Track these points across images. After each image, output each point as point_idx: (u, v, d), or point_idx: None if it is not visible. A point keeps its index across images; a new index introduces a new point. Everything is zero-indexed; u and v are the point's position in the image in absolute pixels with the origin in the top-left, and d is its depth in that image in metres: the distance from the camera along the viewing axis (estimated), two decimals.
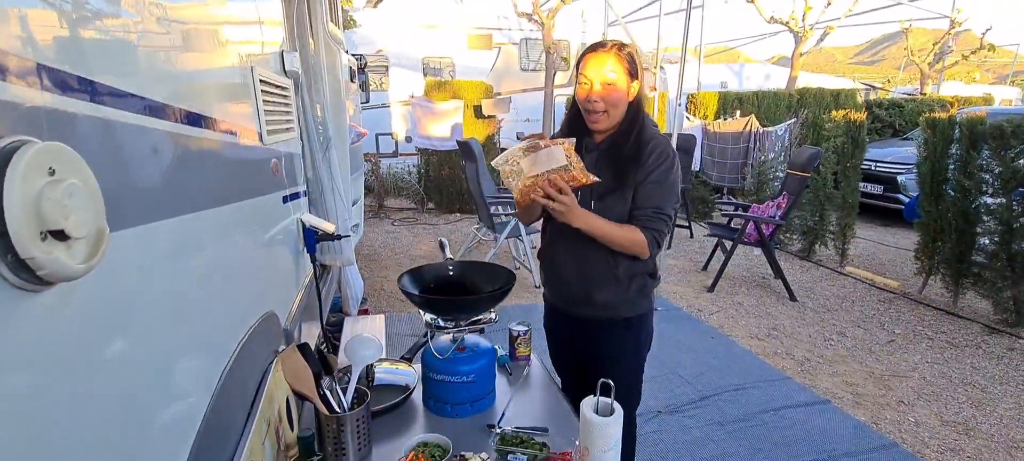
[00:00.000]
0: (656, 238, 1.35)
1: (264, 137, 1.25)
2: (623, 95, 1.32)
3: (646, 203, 1.35)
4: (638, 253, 1.36)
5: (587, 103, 1.33)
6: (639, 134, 1.36)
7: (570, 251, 1.48)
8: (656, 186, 1.34)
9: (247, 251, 1.15)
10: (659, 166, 1.34)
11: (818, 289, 4.39)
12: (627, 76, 1.32)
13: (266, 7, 1.53)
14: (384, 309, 3.86)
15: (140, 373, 0.65)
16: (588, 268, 1.45)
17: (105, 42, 0.62)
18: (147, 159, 0.69)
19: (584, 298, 1.49)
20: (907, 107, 9.19)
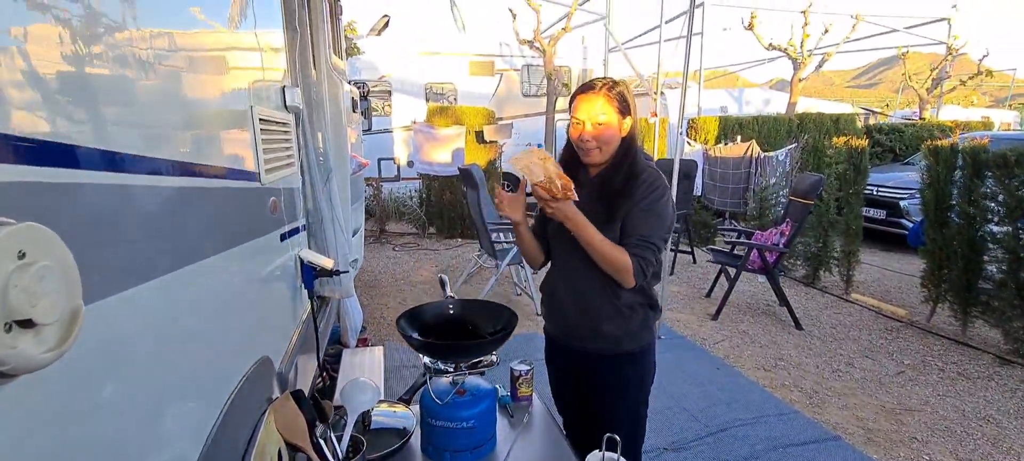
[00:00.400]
0: (641, 265, 1.35)
1: (262, 176, 1.23)
2: (615, 132, 1.37)
3: (633, 231, 1.36)
4: (622, 278, 1.36)
5: (579, 142, 1.39)
6: (630, 167, 1.38)
7: (569, 283, 1.48)
8: (643, 214, 1.36)
9: (241, 297, 1.12)
10: (647, 195, 1.36)
11: (824, 317, 4.32)
12: (618, 115, 1.36)
13: (268, 42, 1.53)
14: (384, 338, 3.80)
15: (125, 434, 0.62)
16: (588, 299, 1.45)
17: (87, 99, 0.60)
18: (135, 220, 0.67)
19: (585, 331, 1.48)
20: (907, 132, 9.22)
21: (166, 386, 0.74)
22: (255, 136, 1.20)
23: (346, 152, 2.51)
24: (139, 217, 0.69)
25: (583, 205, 1.36)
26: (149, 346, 0.70)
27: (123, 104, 0.69)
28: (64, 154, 0.54)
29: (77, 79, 0.59)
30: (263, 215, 1.26)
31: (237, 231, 1.07)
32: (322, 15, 2.38)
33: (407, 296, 4.79)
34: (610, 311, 1.43)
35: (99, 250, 0.58)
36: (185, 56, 0.89)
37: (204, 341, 0.89)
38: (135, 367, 0.66)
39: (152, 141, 0.74)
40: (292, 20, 1.87)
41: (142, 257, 0.68)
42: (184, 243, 0.83)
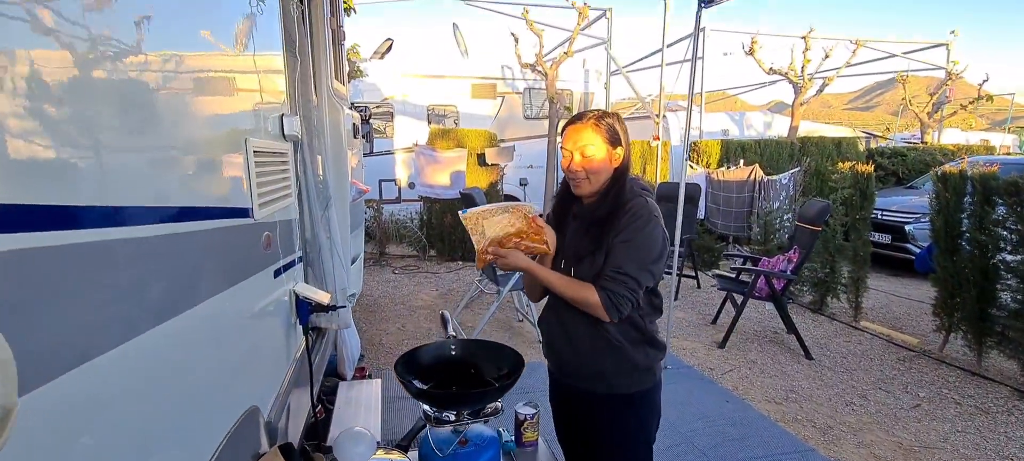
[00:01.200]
0: (611, 298, 1.30)
1: (255, 212, 1.17)
2: (604, 163, 1.36)
3: (609, 263, 1.33)
4: (595, 314, 1.33)
5: (568, 173, 1.39)
6: (615, 198, 1.36)
7: (559, 317, 1.44)
8: (621, 245, 1.32)
9: (228, 346, 1.05)
10: (629, 225, 1.32)
11: (833, 345, 4.22)
12: (607, 145, 1.35)
13: (266, 69, 1.48)
14: (382, 366, 3.70)
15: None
16: (577, 335, 1.40)
17: (54, 149, 0.53)
18: (109, 280, 0.60)
19: (578, 368, 1.43)
20: (910, 156, 9.20)
21: (141, 453, 0.67)
22: (249, 169, 1.14)
23: (346, 179, 2.46)
24: (108, 276, 0.62)
25: (572, 236, 1.39)
26: (120, 416, 0.62)
27: (85, 145, 0.62)
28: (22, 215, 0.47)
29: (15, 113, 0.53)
30: (255, 252, 1.19)
31: (225, 274, 1.00)
32: (325, 41, 2.35)
33: (406, 321, 4.70)
34: (601, 346, 1.37)
35: (55, 320, 0.51)
36: (164, 85, 0.83)
37: (184, 400, 0.82)
38: (102, 436, 0.59)
39: (123, 185, 0.68)
40: (293, 47, 1.83)
41: (114, 321, 0.61)
42: (164, 296, 0.76)
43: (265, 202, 1.26)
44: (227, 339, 1.06)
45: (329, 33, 2.33)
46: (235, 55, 1.19)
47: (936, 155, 9.32)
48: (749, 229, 6.81)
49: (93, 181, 0.62)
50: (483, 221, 1.35)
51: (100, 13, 0.66)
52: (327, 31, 2.31)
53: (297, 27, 1.97)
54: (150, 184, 0.77)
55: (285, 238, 1.50)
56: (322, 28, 2.27)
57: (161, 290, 0.78)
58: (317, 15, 2.25)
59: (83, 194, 0.59)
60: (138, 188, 0.73)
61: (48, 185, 0.54)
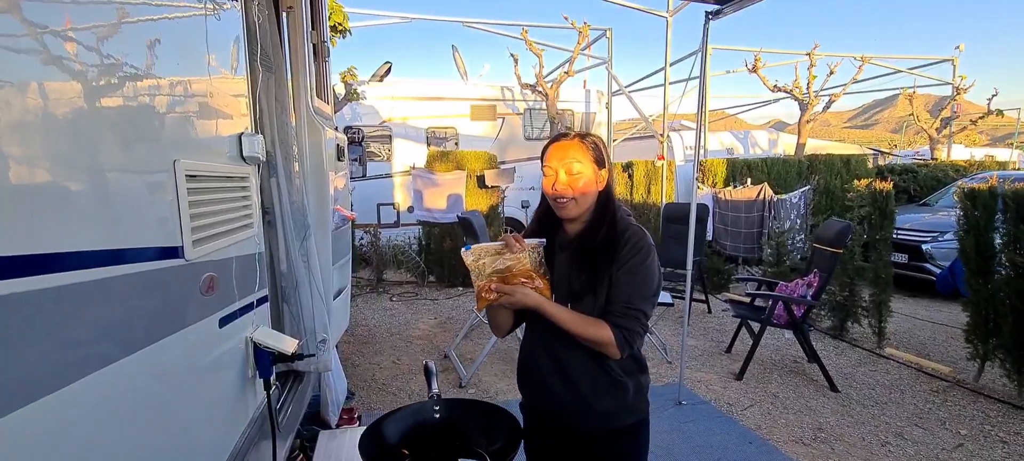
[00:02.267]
0: (625, 336, 1.23)
1: (188, 250, 0.94)
2: (590, 183, 1.27)
3: (617, 298, 1.24)
4: (606, 351, 1.24)
5: (554, 193, 1.28)
6: (610, 226, 1.28)
7: (552, 353, 1.33)
8: (628, 278, 1.24)
9: (149, 413, 0.81)
10: (632, 257, 1.25)
11: (859, 376, 3.93)
12: (593, 164, 1.28)
13: (219, 83, 1.27)
14: (374, 406, 3.44)
15: None
16: (576, 372, 1.30)
17: None
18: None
19: (576, 407, 1.31)
20: (921, 172, 8.98)
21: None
22: (177, 198, 0.92)
23: (328, 205, 2.24)
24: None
25: (562, 269, 1.29)
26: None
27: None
28: None
29: None
30: (190, 299, 0.97)
31: (139, 332, 0.77)
32: (304, 55, 2.15)
33: (402, 354, 4.43)
34: (605, 384, 1.29)
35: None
36: (44, 84, 0.62)
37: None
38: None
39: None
40: (260, 58, 1.63)
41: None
42: (47, 363, 0.54)
43: (205, 237, 1.03)
44: (147, 407, 0.83)
45: (309, 47, 2.14)
46: (170, 61, 0.99)
47: (948, 171, 9.10)
48: (760, 250, 6.57)
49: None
50: (485, 258, 1.25)
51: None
52: (307, 45, 2.12)
53: (268, 39, 1.77)
54: (21, 223, 0.55)
55: (242, 277, 1.27)
56: (301, 41, 2.08)
57: (42, 356, 0.56)
58: (295, 27, 2.06)
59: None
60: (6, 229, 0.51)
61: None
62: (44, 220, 0.61)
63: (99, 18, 0.77)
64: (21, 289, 0.56)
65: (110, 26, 0.80)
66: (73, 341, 0.65)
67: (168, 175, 0.90)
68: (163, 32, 0.98)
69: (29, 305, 0.57)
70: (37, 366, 0.59)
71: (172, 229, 0.90)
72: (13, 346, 0.55)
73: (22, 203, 0.59)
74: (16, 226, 0.56)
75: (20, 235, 0.57)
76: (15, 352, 0.55)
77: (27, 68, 0.62)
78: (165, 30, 0.99)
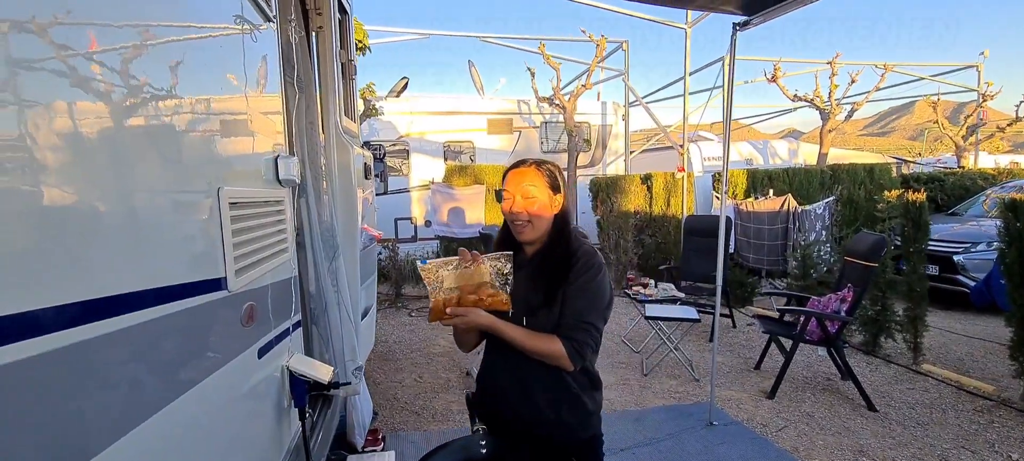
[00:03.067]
0: (576, 347, 1.30)
1: (230, 281, 0.91)
2: (545, 207, 1.37)
3: (568, 312, 1.32)
4: (560, 364, 1.32)
5: (511, 215, 1.38)
6: (565, 247, 1.37)
7: (513, 371, 1.38)
8: (578, 293, 1.32)
9: (191, 455, 0.77)
10: (583, 274, 1.33)
11: (896, 394, 3.78)
12: (548, 189, 1.38)
13: (257, 104, 1.24)
14: (397, 426, 3.38)
15: None
16: (533, 388, 1.36)
17: None
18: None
19: (534, 421, 1.37)
20: (948, 181, 8.74)
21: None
22: (222, 229, 0.88)
23: (356, 224, 2.22)
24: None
25: (520, 287, 1.34)
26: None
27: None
28: None
29: None
30: (230, 333, 0.93)
31: (179, 375, 0.74)
32: (333, 74, 2.14)
33: (424, 371, 4.38)
34: (562, 397, 1.36)
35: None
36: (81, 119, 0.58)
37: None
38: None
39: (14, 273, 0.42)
40: (293, 78, 1.61)
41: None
42: (79, 426, 0.49)
43: (247, 265, 1.00)
44: (184, 455, 0.79)
45: (338, 66, 2.13)
46: (210, 84, 0.96)
47: (976, 180, 8.85)
48: (784, 263, 6.42)
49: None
50: (441, 272, 1.29)
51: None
52: (336, 64, 2.11)
53: (300, 59, 1.76)
54: (51, 268, 0.51)
55: (278, 303, 1.24)
56: (330, 60, 2.07)
57: (76, 416, 0.52)
58: (325, 46, 2.05)
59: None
60: (34, 276, 0.47)
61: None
62: (86, 264, 0.57)
63: (138, 40, 0.75)
64: (75, 340, 0.52)
65: (149, 48, 0.78)
66: (114, 396, 0.61)
67: (212, 204, 0.86)
68: (201, 53, 0.95)
69: (77, 358, 0.53)
70: (75, 431, 0.55)
71: (215, 261, 0.86)
72: (54, 408, 0.51)
73: (69, 245, 0.55)
74: (71, 271, 0.52)
75: (71, 281, 0.53)
76: (55, 414, 0.51)
77: (65, 91, 0.58)
78: (203, 51, 0.97)
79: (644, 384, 4.08)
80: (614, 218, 7.36)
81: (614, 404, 3.72)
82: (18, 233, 0.48)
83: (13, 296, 0.46)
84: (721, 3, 2.96)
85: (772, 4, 2.77)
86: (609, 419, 3.54)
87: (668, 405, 3.69)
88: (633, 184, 7.54)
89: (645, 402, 3.76)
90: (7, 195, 0.48)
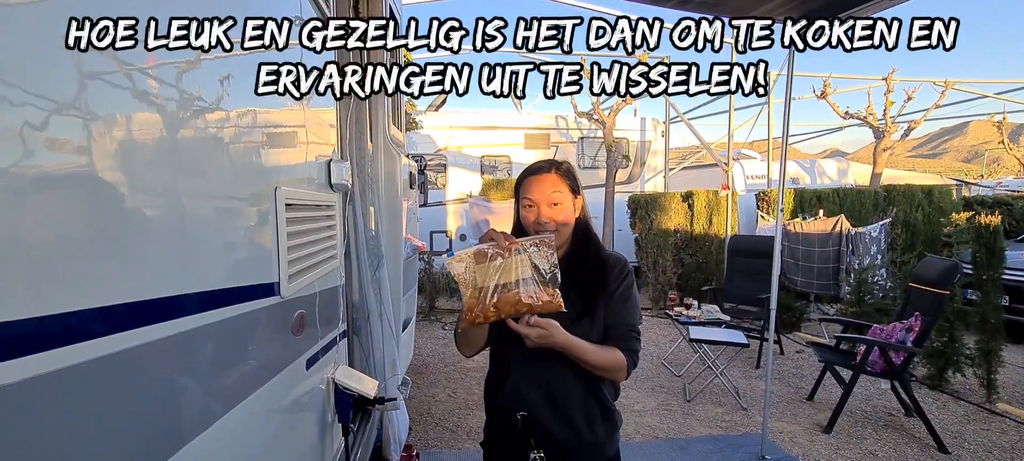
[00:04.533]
0: (633, 358, 1.28)
1: (284, 286, 0.85)
2: (570, 212, 1.30)
3: (618, 323, 1.28)
4: (618, 376, 1.29)
5: (537, 226, 1.29)
6: (596, 254, 1.33)
7: (544, 388, 1.27)
8: (623, 303, 1.30)
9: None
10: (622, 283, 1.31)
11: (969, 434, 3.46)
12: (570, 193, 1.30)
13: (313, 108, 1.21)
14: (431, 442, 3.31)
15: None
16: (566, 403, 1.27)
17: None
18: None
19: (572, 441, 1.27)
20: (1017, 205, 8.16)
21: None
22: (277, 231, 0.83)
23: (400, 234, 2.18)
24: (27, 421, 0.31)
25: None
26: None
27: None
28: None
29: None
30: (281, 342, 0.88)
31: (231, 389, 0.68)
32: None
33: (458, 386, 4.31)
34: (597, 412, 1.30)
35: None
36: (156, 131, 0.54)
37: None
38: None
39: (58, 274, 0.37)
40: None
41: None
42: (123, 445, 0.44)
43: (300, 270, 0.95)
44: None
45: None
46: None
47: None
48: (836, 287, 6.08)
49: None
50: (475, 267, 1.10)
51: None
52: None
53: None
54: (89, 270, 0.46)
55: (326, 312, 1.19)
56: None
57: (117, 435, 0.47)
58: (376, 51, 2.04)
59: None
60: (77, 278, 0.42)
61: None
62: (131, 263, 0.52)
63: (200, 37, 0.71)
64: (100, 353, 0.47)
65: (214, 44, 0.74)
66: (167, 406, 0.56)
67: (269, 203, 0.82)
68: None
69: (131, 363, 0.48)
70: (132, 439, 0.49)
71: (270, 263, 0.81)
72: (94, 416, 0.45)
73: (112, 239, 0.50)
74: (113, 270, 0.46)
75: (132, 279, 0.48)
76: (98, 421, 0.46)
77: (131, 102, 0.54)
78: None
79: (687, 410, 3.88)
80: (653, 236, 7.17)
81: (655, 430, 3.54)
82: (45, 230, 0.44)
83: (41, 299, 0.41)
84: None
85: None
86: (650, 447, 3.37)
87: (715, 435, 3.49)
88: (674, 202, 7.34)
89: (689, 430, 3.56)
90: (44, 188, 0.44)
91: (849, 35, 1.33)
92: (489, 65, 1.18)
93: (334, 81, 0.94)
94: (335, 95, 1.22)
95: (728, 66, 1.21)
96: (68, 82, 0.46)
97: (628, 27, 1.25)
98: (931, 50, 1.30)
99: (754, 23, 1.29)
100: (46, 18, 0.45)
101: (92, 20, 0.50)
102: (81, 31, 0.51)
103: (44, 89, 0.42)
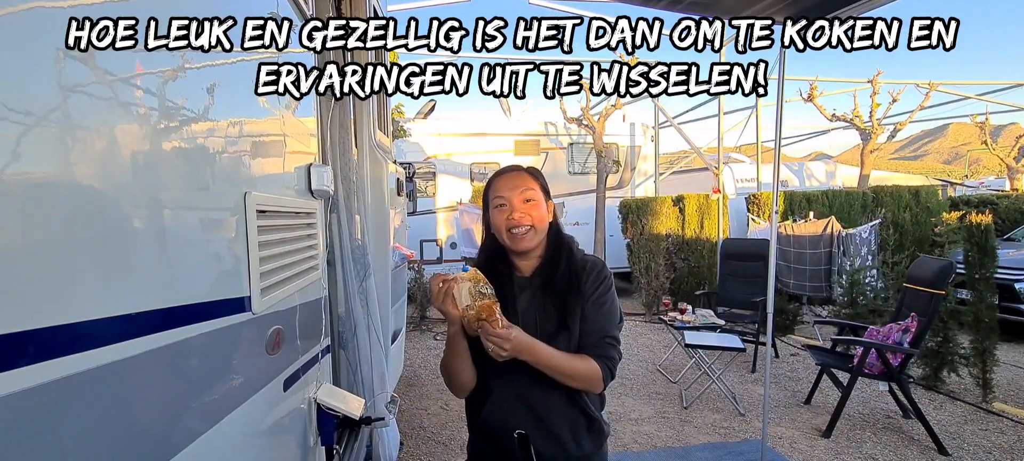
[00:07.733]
0: (609, 367, 1.21)
1: (255, 301, 0.77)
2: (544, 214, 1.25)
3: (592, 331, 1.21)
4: (592, 387, 1.22)
5: (511, 223, 1.22)
6: (569, 258, 1.26)
7: (524, 403, 1.21)
8: (597, 307, 1.22)
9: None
10: (598, 287, 1.23)
11: (968, 435, 3.43)
12: (542, 193, 1.26)
13: (290, 111, 1.13)
14: (423, 456, 3.21)
15: None
16: (549, 417, 1.21)
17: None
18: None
19: (554, 454, 1.22)
20: (1002, 204, 8.27)
21: None
22: (247, 240, 0.75)
23: (388, 243, 2.09)
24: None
25: (529, 310, 1.22)
26: None
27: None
28: None
29: None
30: (255, 362, 0.79)
31: (196, 415, 0.60)
32: None
33: (450, 398, 4.20)
34: (583, 424, 1.24)
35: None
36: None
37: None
38: None
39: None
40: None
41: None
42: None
43: (275, 283, 0.87)
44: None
45: None
46: (240, 84, 0.85)
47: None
48: (828, 289, 6.08)
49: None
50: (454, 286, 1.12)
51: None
52: None
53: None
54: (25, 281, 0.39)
55: (307, 327, 1.11)
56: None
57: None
58: (358, 54, 1.96)
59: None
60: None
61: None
62: (84, 278, 0.44)
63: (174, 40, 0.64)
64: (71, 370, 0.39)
65: (188, 48, 0.67)
66: (117, 442, 0.48)
67: (237, 209, 0.74)
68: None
69: (74, 393, 0.40)
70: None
71: (239, 277, 0.73)
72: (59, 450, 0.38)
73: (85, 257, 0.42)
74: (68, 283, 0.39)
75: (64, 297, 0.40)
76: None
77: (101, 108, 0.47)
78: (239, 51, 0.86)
79: (685, 418, 3.82)
80: (645, 241, 7.14)
81: (653, 439, 3.47)
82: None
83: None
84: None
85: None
86: (649, 457, 3.30)
87: (714, 442, 3.42)
88: (665, 206, 7.32)
89: (687, 438, 3.50)
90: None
91: (849, 35, 1.29)
92: (489, 65, 1.13)
93: (334, 81, 0.90)
94: (335, 95, 1.16)
95: (728, 66, 1.16)
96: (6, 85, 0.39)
97: (628, 27, 1.21)
98: (930, 50, 1.26)
99: (754, 23, 1.24)
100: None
101: (92, 20, 0.47)
102: (81, 31, 0.49)
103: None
